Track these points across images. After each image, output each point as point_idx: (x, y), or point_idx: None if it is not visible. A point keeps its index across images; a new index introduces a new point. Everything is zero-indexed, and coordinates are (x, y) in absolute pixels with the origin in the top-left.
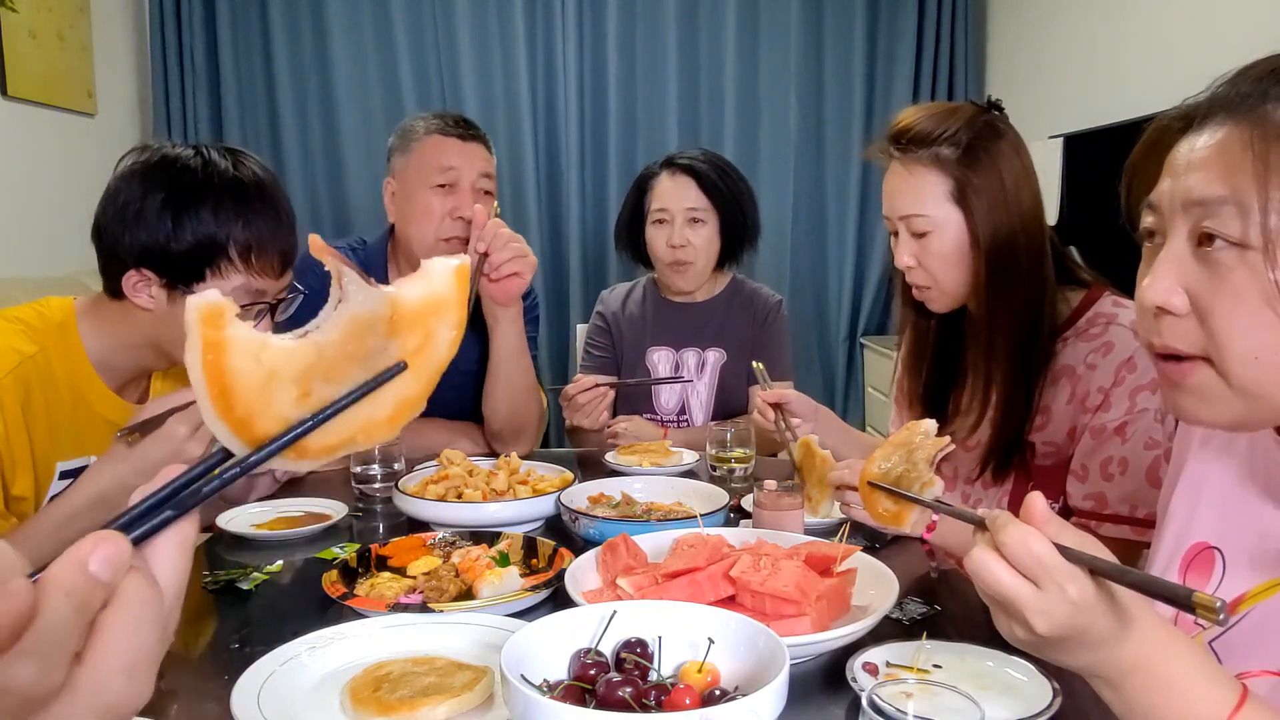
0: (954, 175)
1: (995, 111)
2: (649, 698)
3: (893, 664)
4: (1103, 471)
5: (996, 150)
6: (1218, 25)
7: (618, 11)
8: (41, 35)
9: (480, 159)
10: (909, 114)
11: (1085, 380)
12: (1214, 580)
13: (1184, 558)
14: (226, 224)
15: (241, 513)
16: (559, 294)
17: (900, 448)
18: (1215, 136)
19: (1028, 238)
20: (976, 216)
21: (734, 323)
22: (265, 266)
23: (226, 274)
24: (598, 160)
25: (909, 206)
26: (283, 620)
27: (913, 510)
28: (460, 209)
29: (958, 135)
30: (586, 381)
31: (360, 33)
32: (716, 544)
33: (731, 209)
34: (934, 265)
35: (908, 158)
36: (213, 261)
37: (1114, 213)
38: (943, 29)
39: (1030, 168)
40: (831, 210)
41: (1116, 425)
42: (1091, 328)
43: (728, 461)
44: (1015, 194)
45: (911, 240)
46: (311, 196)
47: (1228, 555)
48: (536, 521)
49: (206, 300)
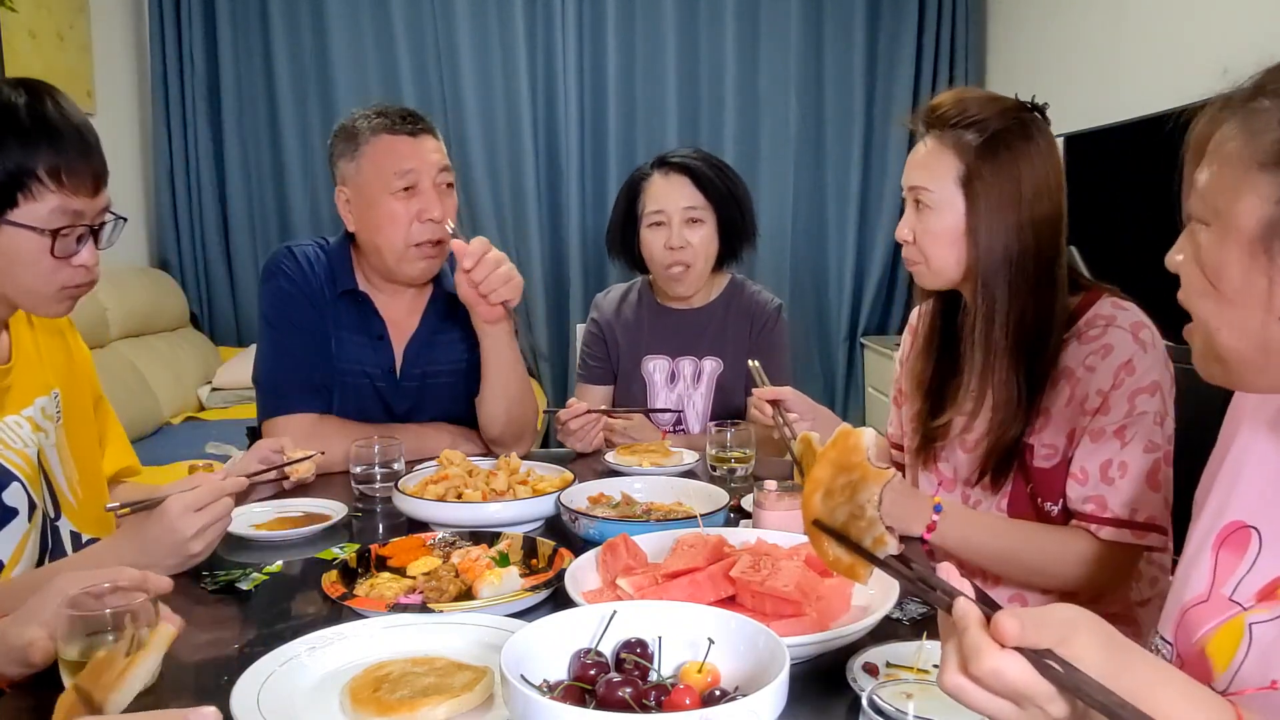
0: (967, 161)
1: (1036, 113)
2: (649, 698)
3: (893, 664)
4: (1102, 474)
5: (1019, 150)
6: (1219, 24)
7: (617, 11)
8: (41, 35)
9: (435, 153)
10: (950, 94)
11: (1084, 383)
12: (1248, 559)
13: (1217, 536)
14: (30, 148)
15: (241, 513)
16: (559, 294)
17: (841, 471)
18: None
19: (1037, 243)
20: (978, 207)
21: (732, 329)
22: (78, 185)
23: (39, 196)
24: (598, 160)
25: (919, 179)
26: (282, 620)
27: (868, 566)
28: (427, 210)
29: (985, 123)
30: (580, 408)
31: (360, 33)
32: (716, 544)
33: (729, 206)
34: (926, 241)
35: (933, 134)
36: (23, 185)
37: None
38: (943, 29)
39: (1055, 177)
40: (831, 210)
41: (1116, 428)
42: (1090, 329)
43: (728, 461)
44: (1031, 198)
45: (914, 213)
46: (311, 196)
47: (1265, 534)
48: (536, 522)
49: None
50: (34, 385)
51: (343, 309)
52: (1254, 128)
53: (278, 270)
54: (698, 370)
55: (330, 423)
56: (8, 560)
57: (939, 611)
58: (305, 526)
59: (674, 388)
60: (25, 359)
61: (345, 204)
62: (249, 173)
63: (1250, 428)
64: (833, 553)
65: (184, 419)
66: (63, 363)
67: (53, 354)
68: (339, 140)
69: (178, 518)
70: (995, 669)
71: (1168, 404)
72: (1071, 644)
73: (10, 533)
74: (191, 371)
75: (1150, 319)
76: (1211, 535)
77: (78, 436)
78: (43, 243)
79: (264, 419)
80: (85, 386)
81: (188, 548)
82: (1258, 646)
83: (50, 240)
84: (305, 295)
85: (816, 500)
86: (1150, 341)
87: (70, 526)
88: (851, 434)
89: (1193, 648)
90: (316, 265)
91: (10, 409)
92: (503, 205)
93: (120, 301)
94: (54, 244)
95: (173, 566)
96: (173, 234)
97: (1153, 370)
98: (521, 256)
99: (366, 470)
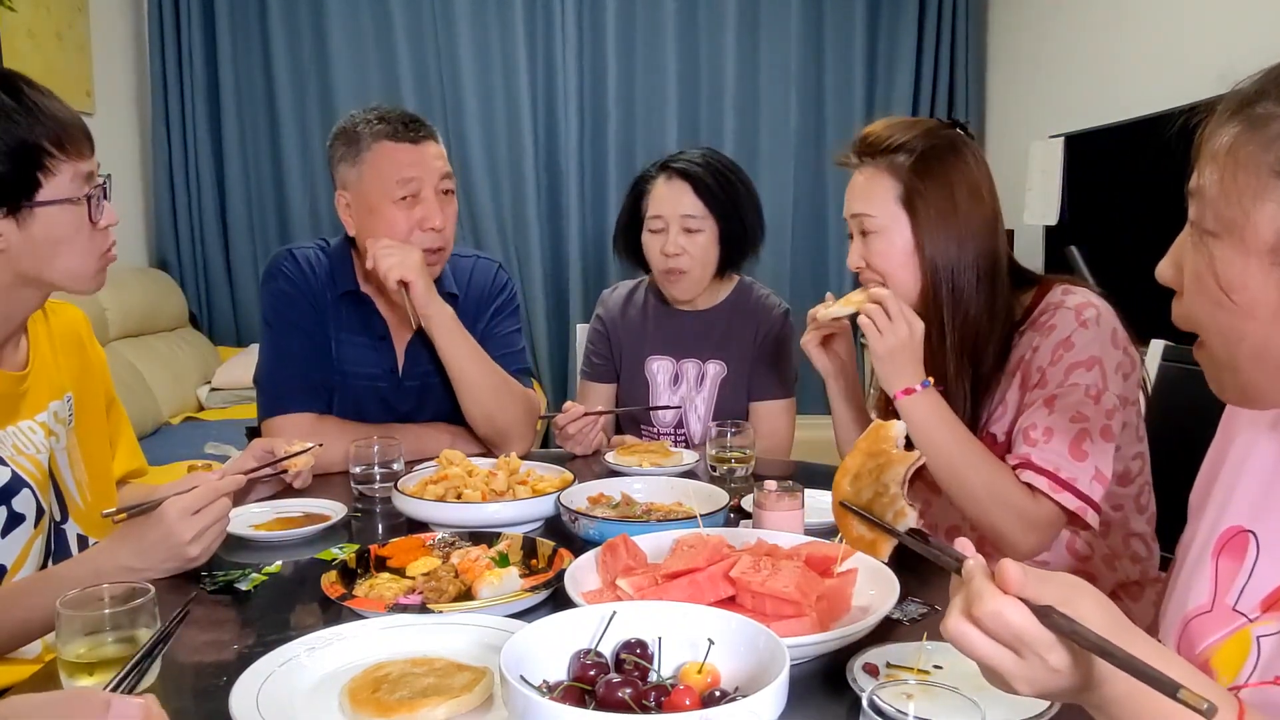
0: (904, 180)
1: (959, 130)
2: (649, 699)
3: (893, 664)
4: (1025, 437)
5: (950, 163)
6: (1218, 24)
7: (617, 11)
8: (40, 35)
9: (437, 159)
10: (877, 124)
11: (1029, 364)
12: (1247, 565)
13: (1217, 542)
14: (27, 125)
15: (241, 513)
16: (559, 294)
17: (870, 458)
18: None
19: (977, 248)
20: (922, 221)
21: (737, 333)
22: (80, 148)
23: (55, 169)
24: (598, 160)
25: (860, 206)
26: (282, 621)
27: (889, 541)
28: (429, 219)
29: (913, 144)
30: (576, 411)
31: (360, 33)
32: (716, 544)
33: (730, 216)
34: (879, 265)
35: (865, 163)
36: (38, 163)
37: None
38: (943, 29)
39: (987, 184)
40: (831, 210)
41: (1046, 397)
42: (1041, 316)
43: (728, 461)
44: (966, 207)
45: (860, 241)
46: (310, 196)
47: (1262, 538)
48: (536, 522)
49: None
50: (48, 390)
51: (344, 310)
52: (1266, 135)
53: (278, 272)
54: (701, 373)
55: (329, 422)
56: (11, 565)
57: (951, 576)
58: (304, 527)
59: (677, 389)
60: (42, 364)
61: (345, 208)
62: (248, 173)
63: (1250, 429)
64: (856, 531)
65: (183, 419)
66: (77, 366)
67: (68, 358)
68: (339, 144)
69: (176, 521)
70: (997, 610)
71: (1108, 380)
72: (1075, 605)
73: (15, 538)
74: (191, 371)
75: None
76: (1211, 541)
77: (89, 439)
78: (79, 212)
79: (263, 419)
80: (99, 389)
81: (186, 551)
82: (1265, 659)
83: (86, 207)
84: (305, 297)
85: (845, 484)
86: (1093, 320)
87: (77, 530)
88: (884, 426)
89: (1196, 658)
90: (317, 267)
91: (25, 414)
92: (503, 205)
93: (119, 301)
94: (90, 209)
95: (171, 570)
96: (172, 234)
97: (1091, 345)
98: (521, 257)
99: (366, 470)
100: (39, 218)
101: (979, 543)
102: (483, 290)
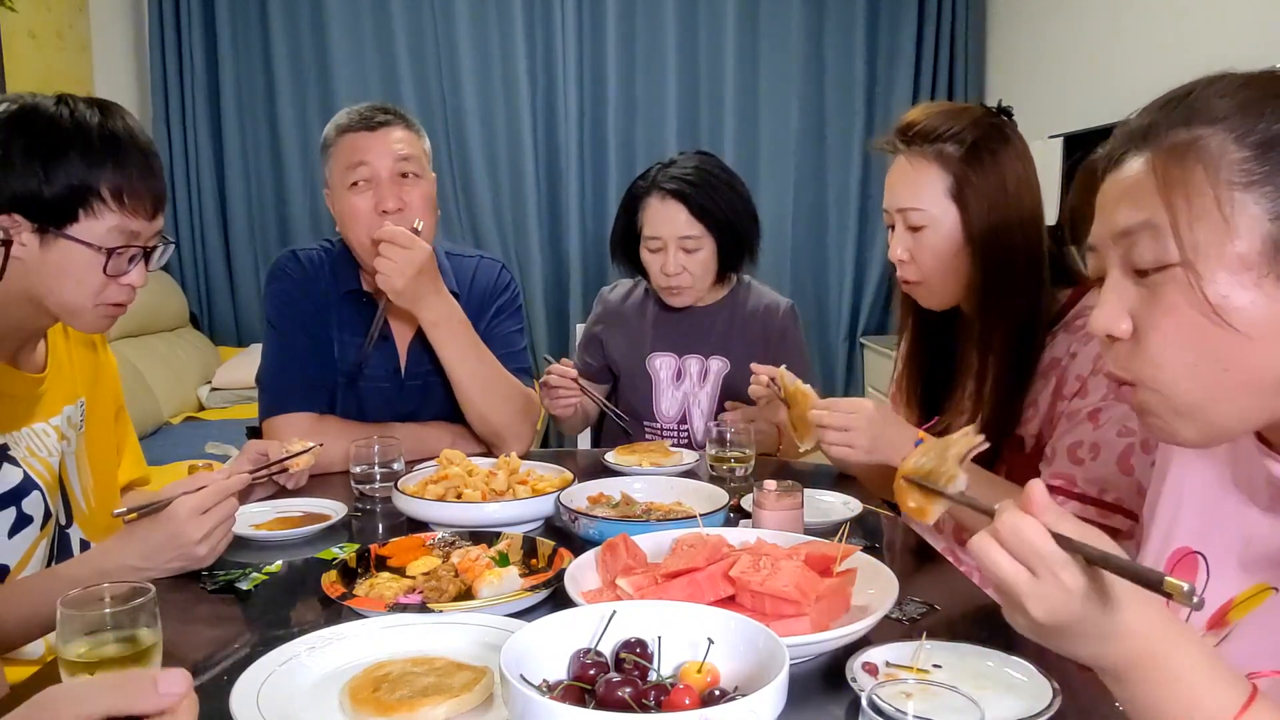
0: (954, 172)
1: (1004, 116)
2: (649, 698)
3: (892, 664)
4: (1071, 455)
5: (1000, 153)
6: (1217, 24)
7: (617, 11)
8: (41, 35)
9: (393, 143)
10: (918, 110)
11: (1067, 370)
12: (1199, 586)
13: (1167, 563)
14: (97, 166)
15: (241, 513)
16: (559, 294)
17: (940, 446)
18: (1128, 169)
19: (1026, 241)
20: (973, 214)
21: (739, 329)
22: (138, 207)
23: (100, 214)
24: (597, 160)
25: (907, 200)
26: (282, 620)
27: (937, 504)
28: (384, 203)
29: (963, 134)
30: (569, 371)
31: (360, 33)
32: (716, 544)
33: (727, 229)
34: (926, 261)
35: (912, 152)
36: (85, 202)
37: None
38: (943, 29)
39: (1033, 174)
40: (831, 210)
41: (1090, 410)
42: (1076, 320)
43: (727, 461)
44: (1016, 197)
45: (907, 234)
46: (311, 196)
47: (1211, 560)
48: (536, 521)
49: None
50: (63, 394)
51: (347, 310)
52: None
53: (281, 273)
54: (704, 369)
55: (330, 422)
56: (14, 565)
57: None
58: (305, 526)
59: (679, 386)
60: (58, 368)
61: (330, 206)
62: (249, 173)
63: (1180, 454)
64: (912, 500)
65: (184, 419)
66: (90, 372)
67: (83, 364)
68: (323, 144)
69: (185, 520)
70: (1015, 525)
71: None
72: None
73: (21, 540)
74: (191, 371)
75: None
76: (1162, 562)
77: (97, 445)
78: (96, 259)
79: (264, 418)
80: (109, 396)
81: (194, 551)
82: None
83: (105, 258)
84: (307, 297)
85: (910, 463)
86: None
87: (80, 534)
88: (965, 432)
89: None
90: (320, 267)
91: (40, 416)
92: (502, 205)
93: None
94: (108, 262)
95: (176, 570)
96: (172, 234)
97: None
98: (521, 257)
99: (366, 470)
100: (60, 247)
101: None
102: (485, 290)
